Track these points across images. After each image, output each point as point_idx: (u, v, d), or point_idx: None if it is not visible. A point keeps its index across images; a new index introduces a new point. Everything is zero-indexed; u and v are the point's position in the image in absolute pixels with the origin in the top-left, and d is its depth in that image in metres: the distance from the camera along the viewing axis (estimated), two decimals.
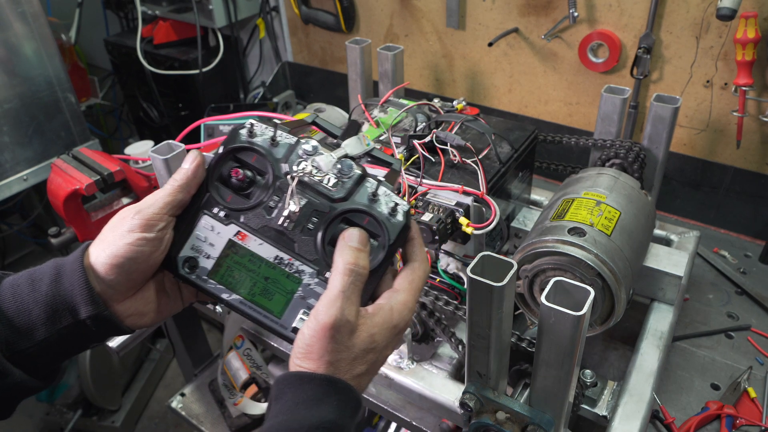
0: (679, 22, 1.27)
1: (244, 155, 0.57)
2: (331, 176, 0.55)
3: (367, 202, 0.55)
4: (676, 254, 0.99)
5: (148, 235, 0.54)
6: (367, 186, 0.55)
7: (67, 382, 2.25)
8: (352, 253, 0.53)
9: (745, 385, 0.98)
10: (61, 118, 1.69)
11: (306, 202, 0.55)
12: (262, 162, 0.56)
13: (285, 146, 0.56)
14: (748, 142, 1.30)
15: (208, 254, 0.57)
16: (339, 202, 0.55)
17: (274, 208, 0.55)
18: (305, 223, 0.55)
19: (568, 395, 0.70)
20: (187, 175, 0.57)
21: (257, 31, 2.08)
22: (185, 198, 0.57)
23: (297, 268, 0.55)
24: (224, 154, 0.56)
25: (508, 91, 1.61)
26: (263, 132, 0.56)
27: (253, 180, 0.56)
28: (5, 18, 1.51)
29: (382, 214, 0.55)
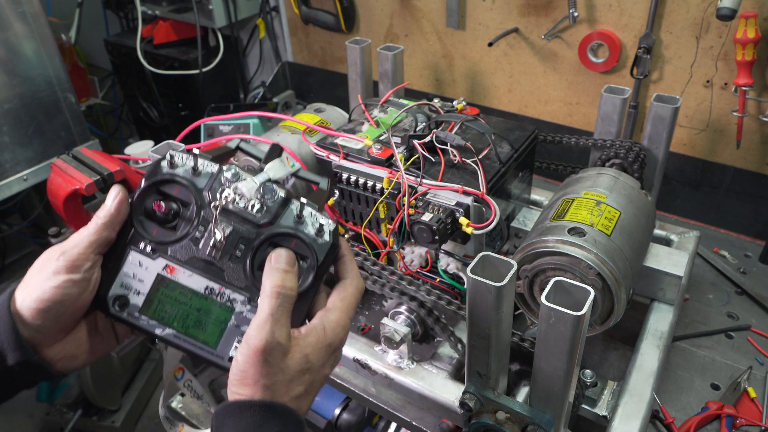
0: (679, 22, 1.27)
1: (167, 187, 0.56)
2: (255, 201, 0.55)
3: (293, 224, 0.55)
4: (676, 254, 0.99)
5: (74, 277, 0.53)
6: (292, 208, 0.55)
7: (67, 382, 2.25)
8: (278, 275, 0.52)
9: (745, 385, 0.98)
10: (61, 118, 1.68)
11: (231, 230, 0.54)
12: (185, 193, 0.55)
13: (207, 175, 0.55)
14: (748, 142, 1.30)
15: (138, 290, 0.56)
16: (265, 227, 0.54)
17: (201, 239, 0.55)
18: (233, 251, 0.55)
19: (568, 395, 0.70)
20: (110, 212, 0.55)
21: (257, 31, 2.08)
22: (110, 235, 0.56)
23: (228, 297, 0.55)
24: (146, 187, 0.55)
25: (508, 91, 1.61)
26: (184, 162, 0.56)
27: (177, 212, 0.56)
28: (5, 18, 1.51)
29: (309, 235, 0.54)
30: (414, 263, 1.05)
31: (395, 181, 0.98)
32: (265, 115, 1.47)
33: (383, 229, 1.05)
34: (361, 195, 1.05)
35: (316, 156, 1.10)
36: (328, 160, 1.07)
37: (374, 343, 0.97)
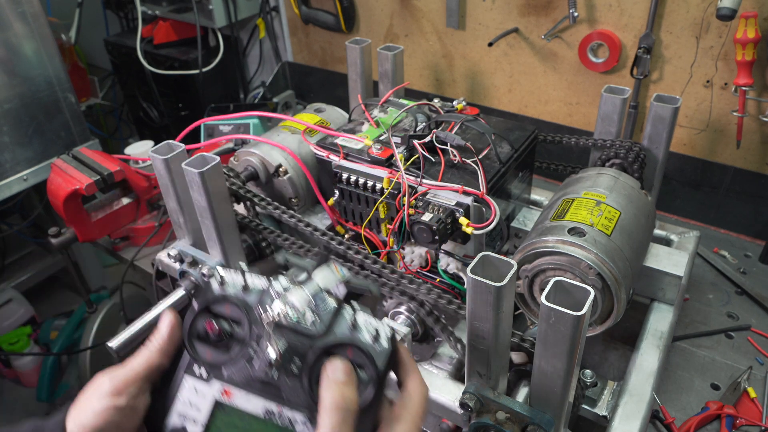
0: (679, 22, 1.27)
1: (218, 307, 0.54)
2: (308, 313, 0.53)
3: (348, 332, 0.52)
4: (676, 254, 0.99)
5: (118, 402, 0.50)
6: (345, 316, 0.53)
7: (67, 383, 2.25)
8: (336, 387, 0.48)
9: (745, 385, 0.98)
10: (61, 118, 1.68)
11: (286, 345, 0.52)
12: (237, 311, 0.54)
13: (257, 291, 0.54)
14: (748, 142, 1.30)
15: (194, 419, 0.52)
16: (319, 338, 0.52)
17: (254, 358, 0.52)
18: (288, 367, 0.52)
19: (568, 395, 0.70)
20: (162, 338, 0.53)
21: (257, 31, 2.08)
22: (163, 363, 0.53)
23: (288, 418, 0.51)
24: (198, 311, 0.54)
25: (508, 91, 1.61)
26: (233, 280, 0.55)
27: (230, 332, 0.54)
28: (5, 18, 1.51)
29: (366, 343, 0.52)
30: (414, 263, 1.05)
31: (395, 181, 0.98)
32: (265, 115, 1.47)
33: (383, 229, 1.05)
34: (361, 195, 1.05)
35: (316, 156, 1.10)
36: (328, 160, 1.07)
37: None
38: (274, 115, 1.24)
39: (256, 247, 1.06)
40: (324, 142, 1.10)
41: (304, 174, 1.16)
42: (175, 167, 0.92)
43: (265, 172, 1.16)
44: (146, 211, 1.36)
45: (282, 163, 1.15)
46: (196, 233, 1.00)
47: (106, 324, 2.08)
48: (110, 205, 1.31)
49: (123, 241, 1.36)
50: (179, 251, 1.03)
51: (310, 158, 1.17)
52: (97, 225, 1.28)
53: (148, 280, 1.25)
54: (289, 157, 1.16)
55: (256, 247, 1.06)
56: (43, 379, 2.19)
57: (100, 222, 1.28)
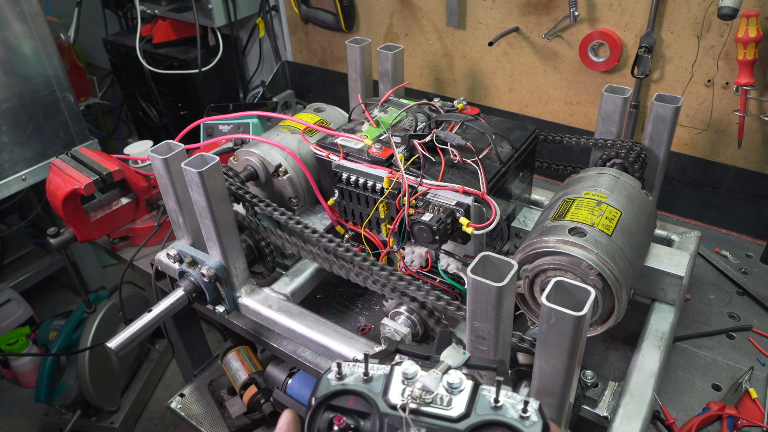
0: (680, 21, 1.26)
1: (339, 401, 0.50)
2: (443, 393, 0.48)
3: (492, 410, 0.48)
4: (677, 254, 0.99)
5: None
6: (485, 394, 0.49)
7: (66, 383, 2.25)
8: None
9: (747, 386, 0.97)
10: (60, 117, 1.68)
11: (426, 431, 0.48)
12: (362, 403, 0.50)
13: (380, 378, 0.50)
14: (750, 142, 1.29)
15: None
16: (461, 420, 0.48)
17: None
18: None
19: (568, 396, 0.70)
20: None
21: (257, 30, 2.07)
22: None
23: None
24: (317, 405, 0.50)
25: (508, 91, 1.60)
26: (353, 371, 0.51)
27: (357, 426, 0.49)
28: (4, 17, 1.50)
29: (514, 419, 0.47)
30: (414, 263, 1.05)
31: (395, 181, 0.98)
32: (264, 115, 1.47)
33: (383, 229, 1.05)
34: (361, 195, 1.04)
35: (315, 156, 1.10)
36: (328, 159, 1.07)
37: (374, 343, 0.97)
38: (273, 114, 1.24)
39: (256, 247, 1.06)
40: (324, 141, 1.09)
41: (304, 174, 1.16)
42: (174, 167, 0.92)
43: (264, 172, 1.16)
44: (145, 211, 1.35)
45: (282, 163, 1.15)
46: (196, 233, 1.00)
47: (105, 324, 2.08)
48: (109, 205, 1.31)
49: (122, 241, 1.36)
50: (178, 251, 1.02)
51: (309, 158, 1.16)
52: (96, 225, 1.28)
53: (147, 280, 1.25)
54: (288, 156, 1.15)
55: (255, 247, 1.06)
56: (41, 379, 2.19)
57: (99, 222, 1.28)
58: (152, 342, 2.39)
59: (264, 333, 1.10)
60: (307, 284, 1.11)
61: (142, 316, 0.95)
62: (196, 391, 1.62)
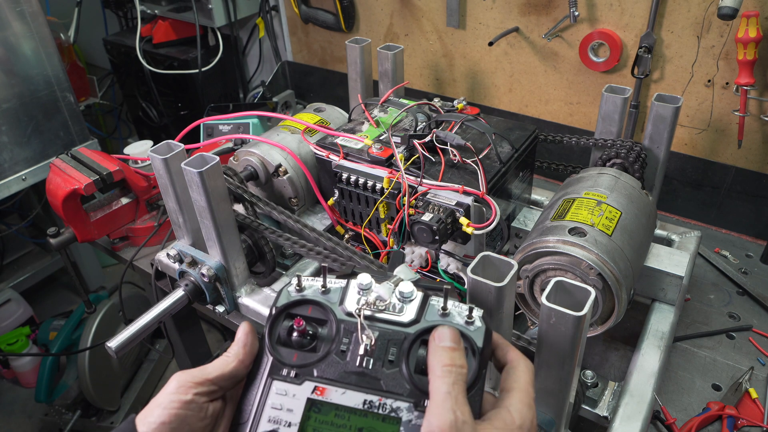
0: (680, 21, 1.26)
1: (299, 310, 0.55)
2: (395, 302, 0.53)
3: (440, 317, 0.53)
4: (677, 254, 0.99)
5: (183, 397, 0.51)
6: (434, 303, 0.53)
7: (66, 383, 2.25)
8: (446, 353, 0.49)
9: (747, 386, 0.97)
10: (60, 117, 1.68)
11: (379, 334, 0.52)
12: (320, 311, 0.54)
13: (337, 290, 0.55)
14: (750, 142, 1.29)
15: (288, 422, 0.51)
16: (412, 325, 0.52)
17: (347, 351, 0.52)
18: (385, 357, 0.51)
19: (568, 396, 0.70)
20: (238, 347, 0.54)
21: (257, 30, 2.07)
22: (237, 369, 0.53)
23: (391, 407, 0.50)
24: (277, 313, 0.54)
25: (508, 91, 1.60)
26: (311, 284, 0.55)
27: (315, 333, 0.53)
28: (4, 17, 1.50)
29: (460, 325, 0.52)
30: (414, 263, 1.05)
31: (395, 181, 0.98)
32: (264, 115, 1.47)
33: (383, 229, 1.05)
34: (361, 195, 1.04)
35: (315, 156, 1.10)
36: (328, 159, 1.07)
37: None
38: (273, 114, 1.24)
39: (256, 247, 1.06)
40: (324, 141, 1.09)
41: (304, 174, 1.16)
42: (174, 167, 0.92)
43: (264, 172, 1.16)
44: (145, 211, 1.35)
45: (281, 163, 1.15)
46: (196, 233, 1.00)
47: (105, 324, 2.08)
48: (109, 205, 1.30)
49: (122, 241, 1.36)
50: (178, 251, 1.02)
51: (309, 158, 1.16)
52: (96, 225, 1.28)
53: (147, 280, 1.25)
54: (288, 156, 1.15)
55: (255, 247, 1.06)
56: (41, 379, 2.19)
57: (99, 222, 1.28)
58: (152, 342, 2.39)
59: None
60: None
61: (143, 315, 0.95)
62: None
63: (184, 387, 0.52)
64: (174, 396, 0.51)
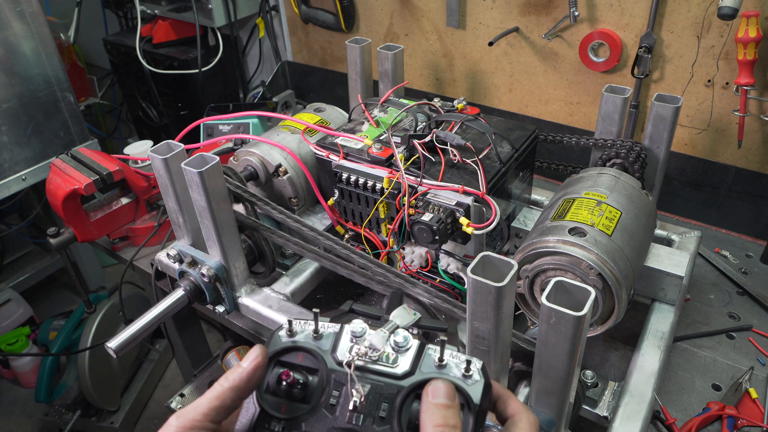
0: (680, 21, 1.26)
1: (289, 357, 0.51)
2: (389, 352, 0.50)
3: (436, 369, 0.49)
4: (677, 254, 0.99)
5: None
6: (430, 353, 0.50)
7: (66, 383, 2.25)
8: (439, 411, 0.45)
9: (747, 386, 0.97)
10: (60, 117, 1.68)
11: (370, 388, 0.49)
12: (311, 359, 0.51)
13: (330, 336, 0.51)
14: (750, 142, 1.29)
15: None
16: (405, 378, 0.49)
17: (337, 405, 0.49)
18: (376, 412, 0.48)
19: (568, 396, 0.70)
20: (242, 376, 0.48)
21: (257, 30, 2.07)
22: (234, 403, 0.48)
23: None
24: (268, 360, 0.51)
25: (508, 91, 1.60)
26: (303, 328, 0.52)
27: (306, 382, 0.50)
28: (4, 17, 1.50)
29: (457, 378, 0.49)
30: (414, 263, 1.05)
31: (395, 181, 0.98)
32: (264, 115, 1.47)
33: (383, 229, 1.05)
34: (361, 195, 1.04)
35: (315, 156, 1.10)
36: (328, 159, 1.07)
37: None
38: (273, 114, 1.24)
39: (256, 247, 1.06)
40: (324, 141, 1.09)
41: (304, 174, 1.16)
42: (174, 167, 0.92)
43: (264, 172, 1.16)
44: (145, 211, 1.35)
45: (282, 163, 1.15)
46: (196, 233, 1.00)
47: (105, 324, 2.08)
48: (109, 205, 1.30)
49: (122, 241, 1.36)
50: (178, 251, 1.02)
51: (309, 158, 1.16)
52: (96, 225, 1.28)
53: (147, 280, 1.25)
54: (288, 156, 1.15)
55: (255, 247, 1.06)
56: (41, 379, 2.19)
57: (99, 222, 1.28)
58: (152, 342, 2.39)
59: (264, 333, 1.10)
60: (307, 284, 1.11)
61: (143, 315, 0.95)
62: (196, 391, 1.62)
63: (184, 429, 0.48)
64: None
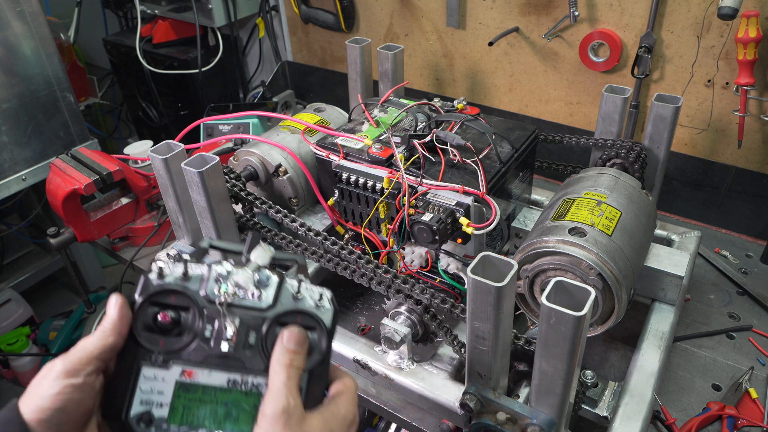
0: (680, 21, 1.26)
1: (161, 297, 0.58)
2: (253, 289, 0.58)
3: (293, 301, 0.58)
4: (677, 254, 0.99)
5: (74, 381, 0.51)
6: (288, 287, 0.58)
7: None
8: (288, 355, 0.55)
9: (747, 386, 0.97)
10: (60, 117, 1.68)
11: (239, 321, 0.57)
12: (182, 299, 0.58)
13: (198, 277, 0.58)
14: (750, 142, 1.29)
15: (160, 403, 0.56)
16: (268, 310, 0.57)
17: (211, 337, 0.57)
18: (246, 340, 0.57)
19: (568, 396, 0.70)
20: (113, 318, 0.55)
21: (257, 30, 2.07)
22: (116, 341, 0.55)
23: (252, 383, 0.57)
24: (141, 304, 0.57)
25: (508, 91, 1.60)
26: (172, 270, 0.58)
27: (178, 319, 0.57)
28: (4, 17, 1.50)
29: (311, 307, 0.58)
30: (414, 263, 1.05)
31: (395, 181, 0.98)
32: (264, 115, 1.47)
33: (383, 229, 1.05)
34: (361, 195, 1.04)
35: (315, 156, 1.10)
36: (328, 159, 1.07)
37: (374, 343, 0.97)
38: (273, 114, 1.24)
39: None
40: (324, 141, 1.09)
41: (304, 174, 1.16)
42: (174, 167, 0.92)
43: (264, 172, 1.16)
44: (145, 211, 1.35)
45: (282, 163, 1.15)
46: (196, 233, 1.00)
47: None
48: (109, 205, 1.30)
49: (122, 241, 1.36)
50: (178, 251, 1.02)
51: (309, 158, 1.16)
52: (96, 225, 1.28)
53: None
54: (288, 156, 1.15)
55: None
56: None
57: (99, 222, 1.28)
58: None
59: None
60: None
61: None
62: None
63: (73, 370, 0.52)
64: (66, 381, 0.51)
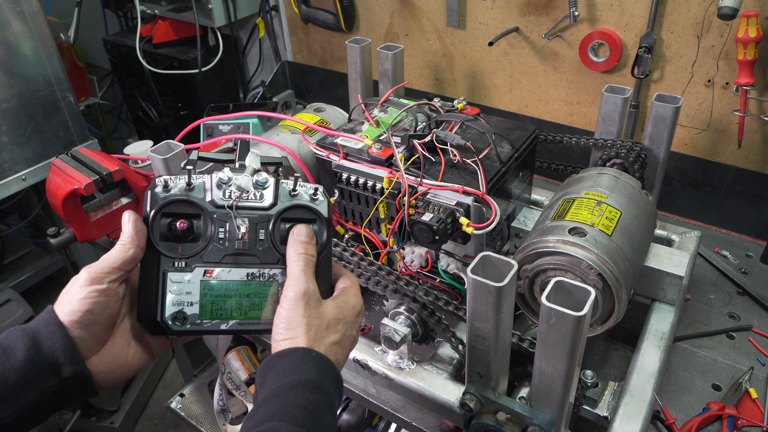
0: (680, 21, 1.26)
1: (171, 208, 0.63)
2: (255, 191, 0.65)
3: (290, 197, 0.65)
4: (677, 254, 0.99)
5: (99, 287, 0.58)
6: (284, 186, 0.66)
7: None
8: (301, 245, 0.63)
9: (747, 386, 0.97)
10: (60, 117, 1.68)
11: (248, 221, 0.64)
12: (191, 207, 0.63)
13: (200, 186, 0.64)
14: (750, 142, 1.29)
15: (190, 302, 0.63)
16: (271, 208, 0.65)
17: (225, 238, 0.64)
18: (256, 237, 0.64)
19: (568, 396, 0.70)
20: (130, 233, 0.61)
21: (257, 30, 2.07)
22: (136, 252, 0.61)
23: (268, 274, 0.65)
24: (153, 216, 0.62)
25: (508, 91, 1.60)
26: (175, 183, 0.63)
27: (191, 226, 0.63)
28: (4, 17, 1.50)
29: (308, 201, 0.66)
30: (414, 263, 1.05)
31: (395, 181, 0.98)
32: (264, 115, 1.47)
33: (383, 229, 1.05)
34: (361, 195, 1.04)
35: (315, 156, 1.10)
36: (328, 159, 1.07)
37: (374, 343, 0.97)
38: (273, 114, 1.24)
39: None
40: (324, 141, 1.09)
41: (304, 174, 1.16)
42: (174, 167, 0.92)
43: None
44: None
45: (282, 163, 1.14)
46: None
47: None
48: (109, 205, 1.30)
49: None
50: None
51: (309, 158, 1.16)
52: (96, 225, 1.28)
53: None
54: (288, 156, 1.15)
55: None
56: None
57: (99, 222, 1.28)
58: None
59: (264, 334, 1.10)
60: None
61: None
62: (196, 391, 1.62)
63: (97, 278, 0.59)
64: (91, 287, 0.58)
